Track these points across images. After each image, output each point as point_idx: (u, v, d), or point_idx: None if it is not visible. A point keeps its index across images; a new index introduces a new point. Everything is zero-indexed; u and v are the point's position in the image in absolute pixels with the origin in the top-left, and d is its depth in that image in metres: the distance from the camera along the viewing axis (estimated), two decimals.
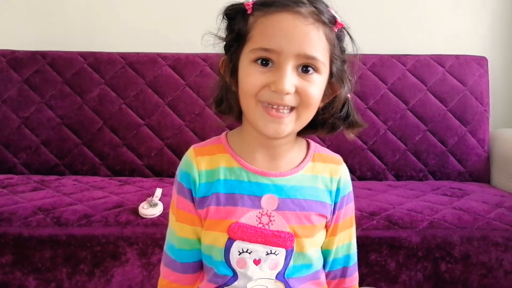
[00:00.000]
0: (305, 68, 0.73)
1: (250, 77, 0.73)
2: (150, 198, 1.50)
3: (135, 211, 1.45)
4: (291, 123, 0.75)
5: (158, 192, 1.56)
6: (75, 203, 1.53)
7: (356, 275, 0.89)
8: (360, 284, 0.92)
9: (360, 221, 1.42)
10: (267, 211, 0.78)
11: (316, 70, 0.73)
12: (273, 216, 0.77)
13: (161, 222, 1.39)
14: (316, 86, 0.74)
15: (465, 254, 1.40)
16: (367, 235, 1.40)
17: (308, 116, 0.76)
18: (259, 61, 0.72)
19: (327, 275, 0.86)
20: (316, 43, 0.72)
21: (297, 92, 0.73)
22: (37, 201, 1.53)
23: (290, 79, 0.71)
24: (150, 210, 1.43)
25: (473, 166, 1.96)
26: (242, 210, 0.77)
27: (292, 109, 0.74)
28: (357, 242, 0.90)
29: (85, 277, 1.40)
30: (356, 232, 0.91)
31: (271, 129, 0.74)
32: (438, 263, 1.40)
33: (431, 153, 1.96)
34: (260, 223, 0.77)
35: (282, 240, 0.77)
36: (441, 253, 1.40)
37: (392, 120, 1.98)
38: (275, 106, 0.73)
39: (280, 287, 0.66)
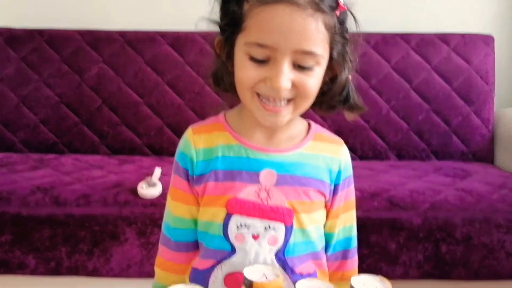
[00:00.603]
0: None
1: (246, 71, 0.72)
2: (149, 178, 1.48)
3: (134, 191, 1.44)
4: (288, 114, 0.74)
5: (157, 171, 1.54)
6: (74, 183, 1.52)
7: (356, 258, 0.89)
8: (360, 265, 0.91)
9: (361, 202, 1.40)
10: (265, 186, 0.77)
11: (314, 63, 0.71)
12: (271, 192, 0.77)
13: (160, 202, 1.38)
14: (314, 78, 0.72)
15: (466, 236, 1.39)
16: (368, 216, 1.39)
17: (306, 105, 0.76)
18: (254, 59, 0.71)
19: (329, 258, 0.86)
20: (315, 37, 0.69)
21: (294, 85, 0.71)
22: (36, 180, 1.52)
23: (287, 76, 0.70)
24: (149, 190, 1.42)
25: (477, 146, 1.94)
26: (241, 185, 0.77)
27: (289, 100, 0.73)
28: (357, 223, 0.89)
29: (85, 256, 1.40)
30: (357, 213, 0.90)
31: (268, 121, 0.75)
32: (439, 245, 1.39)
33: (434, 133, 1.94)
34: (258, 197, 0.77)
35: (281, 215, 0.77)
36: (442, 234, 1.39)
37: (395, 99, 1.95)
38: (271, 100, 0.72)
39: (277, 273, 0.65)
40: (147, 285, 0.90)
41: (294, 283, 0.77)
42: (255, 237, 0.77)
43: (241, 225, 0.77)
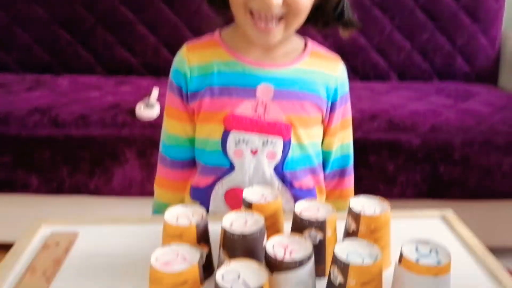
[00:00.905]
0: None
1: None
2: (147, 98, 1.47)
3: (132, 112, 1.43)
4: (280, 34, 0.74)
5: (155, 92, 1.52)
6: (72, 104, 1.50)
7: (353, 176, 0.90)
8: (358, 185, 0.92)
9: (361, 123, 1.40)
10: (262, 101, 0.77)
11: None
12: (268, 106, 0.77)
13: (158, 123, 1.36)
14: None
15: (465, 157, 1.40)
16: (367, 137, 1.39)
17: (298, 23, 0.75)
18: None
19: (327, 177, 0.87)
20: None
21: (286, 1, 0.70)
22: (33, 101, 1.51)
23: None
24: (147, 111, 1.41)
25: (481, 67, 1.90)
26: (237, 100, 0.77)
27: (281, 18, 0.72)
28: (357, 144, 0.90)
29: (86, 176, 1.42)
30: (356, 134, 0.90)
31: (260, 40, 0.75)
32: (437, 166, 1.40)
33: (438, 53, 1.89)
34: (255, 112, 0.77)
35: (278, 130, 0.77)
36: (441, 156, 1.40)
37: (399, 17, 1.88)
38: (263, 17, 0.71)
39: (276, 195, 0.65)
40: (148, 203, 0.92)
41: (294, 196, 0.79)
42: (254, 152, 0.77)
43: (239, 141, 0.77)
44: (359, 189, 0.86)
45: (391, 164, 1.40)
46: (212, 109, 0.78)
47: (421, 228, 0.73)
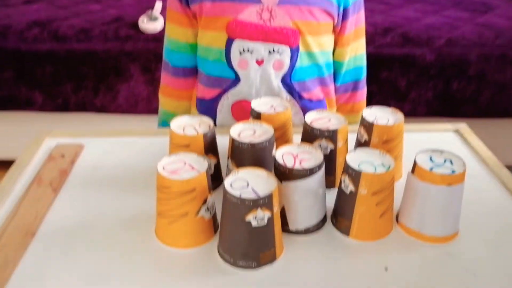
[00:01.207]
0: None
1: None
2: (150, 11, 1.40)
3: (135, 25, 1.38)
4: None
5: (158, 4, 1.45)
6: (72, 17, 1.45)
7: (365, 90, 0.86)
8: (369, 101, 0.89)
9: (373, 37, 1.34)
10: (268, 5, 0.71)
11: None
12: (274, 11, 0.71)
13: (162, 37, 1.32)
14: None
15: (480, 73, 1.35)
16: (380, 52, 1.34)
17: None
18: None
19: (338, 89, 0.83)
20: None
21: None
22: (31, 15, 1.45)
23: None
24: (150, 24, 1.36)
25: None
26: (241, 5, 0.71)
27: None
28: (368, 59, 0.85)
29: (91, 92, 1.39)
30: (368, 49, 0.85)
31: None
32: (450, 82, 1.36)
33: None
34: (261, 19, 0.72)
35: (285, 37, 0.72)
36: (455, 71, 1.35)
37: None
38: None
39: (286, 106, 0.62)
40: (154, 120, 0.90)
41: (303, 109, 0.76)
42: (259, 62, 0.73)
43: (243, 50, 0.73)
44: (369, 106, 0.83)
45: (403, 80, 1.36)
46: (213, 14, 0.73)
47: (434, 141, 0.71)
